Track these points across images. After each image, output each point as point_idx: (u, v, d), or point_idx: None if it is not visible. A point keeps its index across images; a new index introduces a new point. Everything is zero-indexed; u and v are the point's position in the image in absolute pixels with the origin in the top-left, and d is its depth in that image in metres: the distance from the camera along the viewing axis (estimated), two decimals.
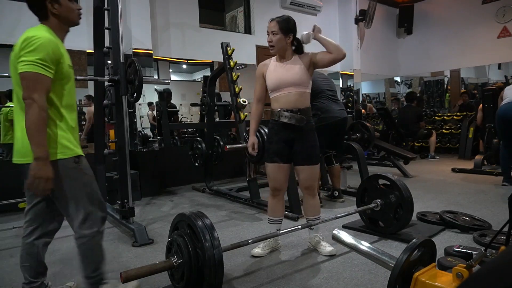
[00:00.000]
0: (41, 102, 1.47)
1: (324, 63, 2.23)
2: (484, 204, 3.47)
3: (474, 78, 8.75)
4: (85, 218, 1.68)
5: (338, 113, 3.49)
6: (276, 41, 2.23)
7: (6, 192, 3.53)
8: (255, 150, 2.39)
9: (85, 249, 1.71)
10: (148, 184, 4.53)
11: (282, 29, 2.22)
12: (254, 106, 2.42)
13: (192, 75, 10.94)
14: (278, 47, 2.25)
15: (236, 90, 3.68)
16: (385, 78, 9.43)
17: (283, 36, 2.23)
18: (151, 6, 5.20)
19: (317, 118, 3.29)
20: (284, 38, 2.23)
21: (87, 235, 1.69)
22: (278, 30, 2.22)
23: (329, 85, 3.58)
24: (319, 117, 3.35)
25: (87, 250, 1.71)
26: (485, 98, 5.21)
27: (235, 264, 2.27)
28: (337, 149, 3.74)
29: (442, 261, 2.00)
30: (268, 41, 2.27)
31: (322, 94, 3.45)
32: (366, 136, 4.40)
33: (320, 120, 3.34)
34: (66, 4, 1.62)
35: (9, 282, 2.15)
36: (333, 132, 3.48)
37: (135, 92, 2.66)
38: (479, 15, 7.72)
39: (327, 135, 3.40)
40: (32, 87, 1.46)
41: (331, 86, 3.59)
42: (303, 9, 7.13)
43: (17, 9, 4.29)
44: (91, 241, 1.70)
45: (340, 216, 2.45)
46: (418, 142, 7.22)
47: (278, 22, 2.23)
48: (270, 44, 2.26)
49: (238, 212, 3.57)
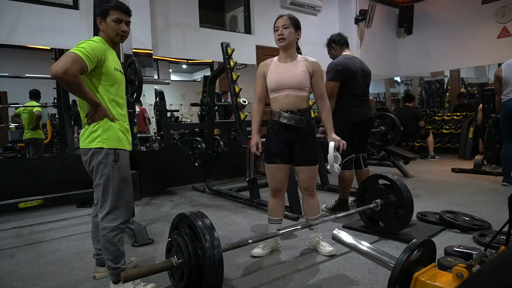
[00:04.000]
0: (72, 70, 1.67)
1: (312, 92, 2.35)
2: (484, 204, 3.47)
3: (474, 78, 8.76)
4: (109, 211, 1.88)
5: (366, 112, 3.26)
6: (287, 34, 2.25)
7: (6, 192, 3.53)
8: (259, 150, 2.39)
9: (104, 241, 1.89)
10: (148, 184, 4.53)
11: (293, 24, 2.27)
12: (255, 105, 2.42)
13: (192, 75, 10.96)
14: (289, 41, 2.27)
15: (236, 90, 3.68)
16: (385, 78, 9.43)
17: (294, 31, 2.28)
18: (151, 6, 5.20)
19: (345, 116, 3.17)
20: (294, 32, 2.28)
21: (107, 228, 1.88)
22: (289, 24, 2.26)
23: (365, 80, 3.29)
24: (347, 116, 3.18)
25: (106, 242, 1.89)
26: (485, 98, 5.20)
27: (235, 264, 2.27)
28: (362, 150, 3.48)
29: (442, 261, 2.00)
30: (278, 34, 2.27)
31: (355, 90, 3.21)
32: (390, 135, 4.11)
33: (348, 119, 3.18)
34: (110, 24, 1.93)
35: (9, 282, 2.15)
36: (360, 132, 3.27)
37: (135, 92, 2.66)
38: (479, 15, 7.71)
39: (354, 135, 3.22)
40: (65, 60, 1.68)
41: (366, 82, 3.31)
42: (303, 9, 7.13)
43: (17, 9, 4.30)
44: (110, 234, 1.88)
45: (340, 216, 2.45)
46: (417, 142, 7.23)
47: (289, 17, 2.29)
48: (281, 37, 2.26)
49: (238, 212, 3.57)
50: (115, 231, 1.89)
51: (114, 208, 1.88)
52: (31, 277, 2.20)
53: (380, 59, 8.76)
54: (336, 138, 2.29)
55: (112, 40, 1.98)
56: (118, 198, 1.89)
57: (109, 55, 1.92)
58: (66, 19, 4.61)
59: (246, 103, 3.75)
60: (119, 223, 1.90)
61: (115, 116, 1.92)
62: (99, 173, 1.87)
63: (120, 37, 1.98)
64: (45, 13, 4.49)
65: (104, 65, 1.86)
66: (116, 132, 1.90)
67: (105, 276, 2.13)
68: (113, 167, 1.87)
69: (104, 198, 1.89)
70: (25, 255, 2.58)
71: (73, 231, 3.12)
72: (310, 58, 2.33)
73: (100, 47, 1.84)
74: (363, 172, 3.40)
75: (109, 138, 1.87)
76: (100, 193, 1.89)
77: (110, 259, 1.90)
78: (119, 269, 1.91)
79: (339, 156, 2.27)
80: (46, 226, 3.28)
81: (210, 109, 4.51)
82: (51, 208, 3.87)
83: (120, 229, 1.92)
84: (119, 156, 1.89)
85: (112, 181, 1.87)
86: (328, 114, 2.35)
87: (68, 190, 3.25)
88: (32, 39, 4.40)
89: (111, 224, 1.88)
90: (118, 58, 2.06)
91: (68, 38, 4.43)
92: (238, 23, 6.84)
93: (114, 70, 1.93)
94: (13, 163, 4.46)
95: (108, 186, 1.87)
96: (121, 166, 1.91)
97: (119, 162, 1.89)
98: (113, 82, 1.92)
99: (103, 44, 1.91)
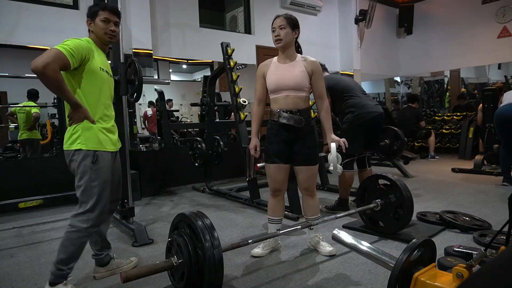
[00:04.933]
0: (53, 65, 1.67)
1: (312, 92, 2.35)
2: (484, 204, 3.47)
3: (474, 78, 8.76)
4: (84, 212, 1.86)
5: (374, 108, 3.22)
6: (284, 35, 2.24)
7: (6, 192, 3.53)
8: (257, 152, 2.39)
9: (65, 238, 1.86)
10: (148, 184, 4.53)
11: (290, 24, 2.25)
12: (255, 107, 2.42)
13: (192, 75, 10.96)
14: (286, 41, 2.25)
15: (236, 90, 3.68)
16: (385, 78, 9.44)
17: (291, 31, 2.26)
18: (151, 6, 5.20)
19: (352, 115, 3.15)
20: (291, 32, 2.26)
21: (76, 227, 1.85)
22: (286, 25, 2.24)
23: (355, 83, 3.42)
24: (355, 114, 3.15)
25: (66, 241, 1.85)
26: (485, 98, 5.21)
27: (235, 264, 2.27)
28: (373, 148, 3.45)
29: (442, 261, 2.00)
30: (275, 35, 2.27)
31: (352, 90, 3.24)
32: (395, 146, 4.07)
33: (357, 117, 3.14)
34: (98, 24, 1.94)
35: (9, 282, 2.15)
36: (371, 129, 3.22)
37: (135, 92, 2.66)
38: (479, 15, 7.71)
39: (365, 133, 3.19)
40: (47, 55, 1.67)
41: (358, 85, 3.40)
42: (303, 9, 7.13)
43: (17, 9, 4.30)
44: (75, 234, 1.85)
45: (340, 216, 2.45)
46: (418, 142, 7.23)
47: (285, 17, 2.27)
48: (278, 38, 2.26)
49: (238, 212, 3.57)
50: (82, 232, 1.85)
51: (89, 210, 1.86)
52: (31, 277, 2.20)
53: (380, 59, 8.76)
54: (335, 138, 2.27)
55: (102, 41, 1.98)
56: (96, 202, 1.87)
57: (96, 55, 1.92)
58: (66, 19, 4.61)
59: (246, 103, 3.74)
60: (89, 225, 1.86)
61: (99, 117, 1.91)
62: (79, 175, 1.86)
63: (109, 37, 1.97)
64: (45, 13, 4.49)
65: (89, 63, 1.85)
66: (95, 134, 1.88)
67: (105, 276, 2.13)
68: (91, 169, 1.85)
69: (82, 199, 1.87)
70: (25, 255, 2.58)
71: None
72: (310, 57, 2.32)
73: (85, 45, 1.84)
74: (366, 171, 3.40)
75: (88, 140, 1.85)
76: (79, 194, 1.87)
77: (62, 258, 1.83)
78: (63, 271, 1.84)
79: (339, 156, 2.27)
80: (46, 226, 3.28)
81: (210, 109, 4.51)
82: (51, 208, 3.86)
83: (88, 233, 1.88)
84: (98, 158, 1.87)
85: (90, 183, 1.85)
86: (327, 114, 2.33)
87: (68, 190, 3.23)
88: (32, 39, 4.40)
89: (81, 224, 1.85)
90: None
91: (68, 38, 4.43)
92: (238, 23, 6.84)
93: (100, 69, 1.92)
94: (13, 163, 4.46)
95: (87, 188, 1.85)
96: (100, 168, 1.88)
97: (98, 164, 1.87)
98: (97, 81, 1.91)
99: (90, 44, 1.91)
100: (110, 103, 2.03)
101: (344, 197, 3.36)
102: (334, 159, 2.22)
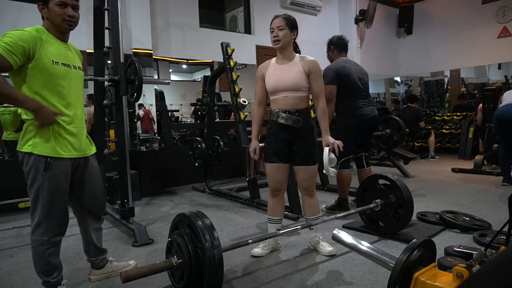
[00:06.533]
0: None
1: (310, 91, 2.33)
2: (484, 204, 3.47)
3: (474, 78, 8.76)
4: (39, 224, 1.72)
5: (369, 111, 3.27)
6: (282, 36, 2.23)
7: (6, 192, 3.53)
8: (257, 155, 2.39)
9: (33, 253, 1.76)
10: (148, 184, 4.53)
11: (288, 25, 2.25)
12: (255, 109, 2.42)
13: (192, 75, 10.96)
14: (284, 42, 2.25)
15: (236, 90, 3.68)
16: (385, 78, 9.43)
17: (289, 31, 2.25)
18: (151, 6, 5.20)
19: (349, 116, 3.21)
20: (289, 33, 2.26)
21: (37, 241, 1.74)
22: (284, 25, 2.24)
23: (363, 79, 3.32)
24: (351, 115, 3.21)
25: (35, 255, 1.76)
26: (485, 98, 5.21)
27: (235, 264, 2.27)
28: (366, 149, 3.49)
29: (442, 261, 2.00)
30: (273, 36, 2.26)
31: (354, 90, 3.24)
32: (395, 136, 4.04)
33: (352, 119, 3.21)
34: (53, 9, 1.70)
35: (9, 282, 2.15)
36: (364, 131, 3.30)
37: (135, 92, 2.66)
38: (479, 15, 7.72)
39: (359, 134, 3.25)
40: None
41: (365, 81, 3.33)
42: (303, 9, 7.14)
43: (17, 9, 4.30)
44: (40, 247, 1.74)
45: (340, 216, 2.45)
46: (418, 142, 7.23)
47: (284, 18, 2.26)
48: (276, 39, 2.25)
49: (238, 212, 3.57)
50: (45, 245, 1.72)
51: (43, 220, 1.70)
52: (31, 277, 2.19)
53: (380, 59, 8.76)
54: (330, 141, 2.26)
55: (59, 29, 1.73)
56: (49, 211, 1.70)
57: (48, 46, 1.66)
58: None
59: (246, 103, 3.74)
60: (50, 237, 1.72)
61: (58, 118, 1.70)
62: (30, 180, 1.70)
63: (68, 23, 1.72)
64: None
65: (36, 57, 1.61)
66: (49, 137, 1.67)
67: (100, 278, 2.11)
68: (44, 176, 1.66)
69: (34, 207, 1.71)
70: (25, 255, 2.58)
71: (73, 231, 3.10)
72: (308, 57, 2.31)
73: (28, 37, 1.59)
74: (365, 171, 3.40)
75: (40, 144, 1.66)
76: (31, 201, 1.72)
77: (40, 271, 1.76)
78: (49, 282, 1.77)
79: (334, 158, 2.26)
80: None
81: (210, 109, 4.51)
82: None
83: (52, 243, 1.74)
84: (51, 165, 1.67)
85: (42, 191, 1.67)
86: (324, 115, 2.31)
87: None
88: None
89: (42, 237, 1.71)
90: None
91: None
92: (238, 23, 6.84)
93: (52, 63, 1.67)
94: (13, 163, 4.46)
95: (38, 196, 1.69)
96: (53, 176, 1.68)
97: (51, 172, 1.67)
98: (51, 77, 1.67)
99: (38, 33, 1.65)
100: (73, 101, 1.78)
101: (343, 197, 3.37)
102: (326, 163, 2.22)
